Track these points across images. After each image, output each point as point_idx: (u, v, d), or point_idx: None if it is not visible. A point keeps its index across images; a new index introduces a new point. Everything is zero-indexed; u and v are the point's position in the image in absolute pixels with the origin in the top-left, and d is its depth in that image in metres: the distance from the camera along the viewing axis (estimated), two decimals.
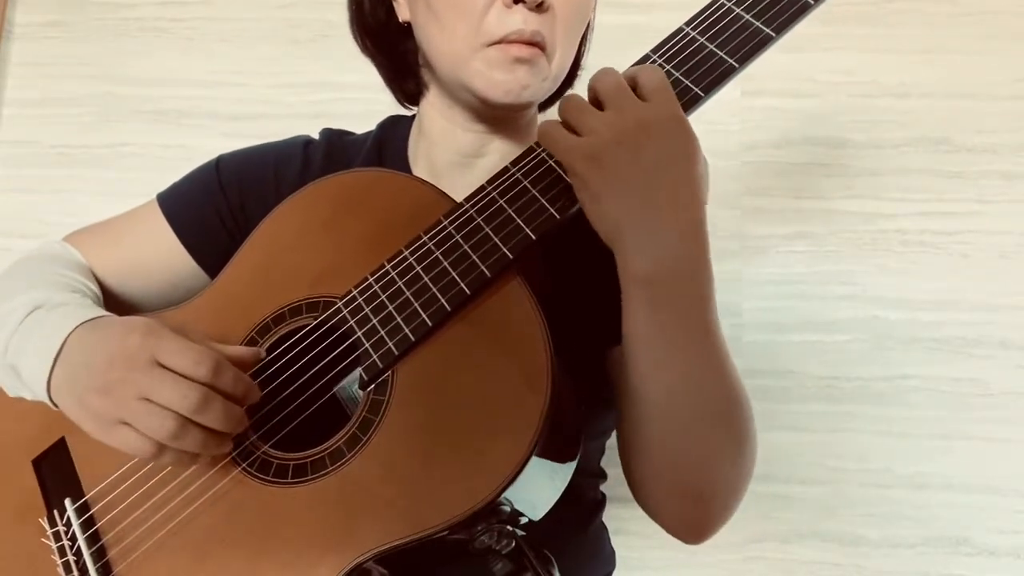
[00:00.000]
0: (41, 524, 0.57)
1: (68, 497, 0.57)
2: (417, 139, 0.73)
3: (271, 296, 0.60)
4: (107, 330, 0.53)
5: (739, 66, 0.52)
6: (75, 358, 0.53)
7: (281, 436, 0.55)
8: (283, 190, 0.68)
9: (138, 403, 0.48)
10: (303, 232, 0.62)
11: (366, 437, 0.52)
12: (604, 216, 0.49)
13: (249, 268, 0.63)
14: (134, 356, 0.49)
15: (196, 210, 0.70)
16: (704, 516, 0.58)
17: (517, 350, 0.51)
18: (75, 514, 0.56)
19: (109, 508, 0.56)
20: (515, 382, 0.50)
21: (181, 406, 0.48)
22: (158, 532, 0.54)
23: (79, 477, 0.58)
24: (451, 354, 0.53)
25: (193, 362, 0.49)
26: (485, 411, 0.50)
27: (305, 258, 0.61)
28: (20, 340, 0.56)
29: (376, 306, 0.55)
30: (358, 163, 0.71)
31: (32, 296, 0.59)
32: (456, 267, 0.53)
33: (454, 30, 0.61)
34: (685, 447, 0.53)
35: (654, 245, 0.48)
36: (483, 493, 0.48)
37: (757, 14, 0.53)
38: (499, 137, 0.69)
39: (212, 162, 0.73)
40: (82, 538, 0.55)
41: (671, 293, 0.50)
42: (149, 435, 0.49)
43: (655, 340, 0.51)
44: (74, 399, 0.52)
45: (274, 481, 0.53)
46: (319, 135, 0.76)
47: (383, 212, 0.60)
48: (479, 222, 0.54)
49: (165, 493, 0.55)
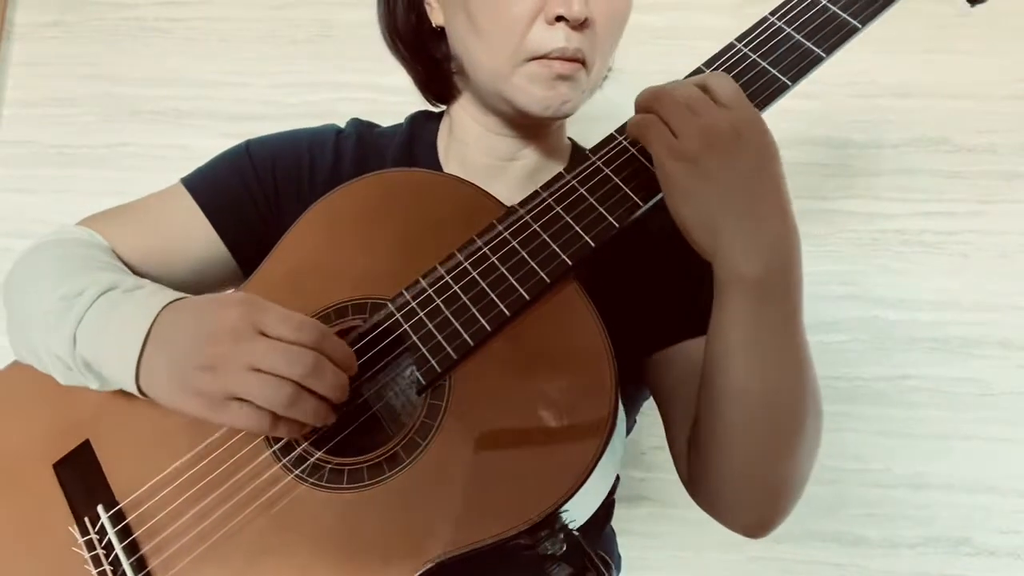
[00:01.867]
0: (70, 532, 0.54)
1: (100, 504, 0.54)
2: (448, 139, 0.72)
3: (314, 295, 0.58)
4: (199, 308, 0.52)
5: (826, 56, 0.53)
6: (170, 339, 0.51)
7: (335, 441, 0.54)
8: (316, 179, 0.68)
9: (249, 374, 0.47)
10: (346, 230, 0.60)
11: (426, 442, 0.51)
12: (700, 217, 0.49)
13: (289, 265, 0.61)
14: (237, 328, 0.48)
15: (228, 193, 0.68)
16: (776, 512, 0.59)
17: (580, 356, 0.51)
18: (109, 522, 0.53)
19: (147, 516, 0.53)
20: (580, 387, 0.51)
21: (293, 372, 0.47)
22: (204, 541, 0.51)
23: (109, 483, 0.55)
24: (510, 359, 0.53)
25: (297, 328, 0.48)
26: (550, 417, 0.50)
27: (349, 257, 0.59)
28: (95, 325, 0.53)
29: (432, 310, 0.54)
30: (390, 159, 0.71)
31: (97, 277, 0.56)
32: (514, 273, 0.53)
33: (496, 44, 0.61)
34: (775, 444, 0.54)
35: (762, 247, 0.49)
36: (552, 498, 0.48)
37: (844, 5, 0.54)
38: (532, 142, 0.70)
39: (241, 147, 0.71)
40: (119, 547, 0.52)
41: (777, 293, 0.51)
42: (265, 406, 0.47)
43: (760, 339, 0.51)
44: (175, 381, 0.50)
45: (329, 487, 0.52)
46: (347, 126, 0.75)
47: (430, 214, 0.59)
48: (535, 228, 0.54)
49: (211, 500, 0.52)
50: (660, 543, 1.13)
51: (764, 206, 0.49)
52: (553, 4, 0.58)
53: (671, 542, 1.15)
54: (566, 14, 0.58)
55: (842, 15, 0.54)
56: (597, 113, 0.66)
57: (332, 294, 0.58)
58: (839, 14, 0.54)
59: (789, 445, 0.54)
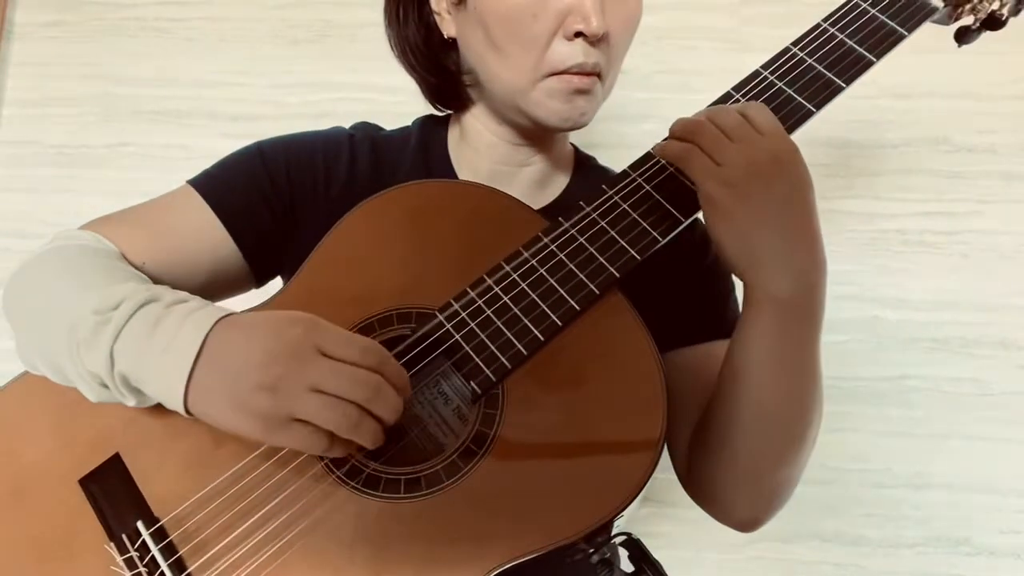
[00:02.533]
0: (105, 551, 0.51)
1: (139, 520, 0.51)
2: (459, 145, 0.72)
3: (357, 304, 0.57)
4: (256, 326, 0.50)
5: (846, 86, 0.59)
6: (225, 358, 0.49)
7: (391, 452, 0.53)
8: (332, 184, 0.68)
9: (311, 395, 0.46)
10: (384, 240, 0.60)
11: (482, 450, 0.52)
12: (738, 239, 0.52)
13: (327, 274, 0.59)
14: (299, 348, 0.47)
15: (241, 196, 0.66)
16: (771, 509, 0.61)
17: (630, 365, 0.53)
18: (152, 539, 0.50)
19: (193, 531, 0.51)
20: (633, 396, 0.53)
21: (357, 395, 0.47)
22: (254, 557, 0.50)
23: (145, 498, 0.52)
24: (562, 369, 0.54)
25: (361, 350, 0.48)
26: (605, 426, 0.52)
27: (390, 267, 0.59)
28: (135, 342, 0.50)
29: (483, 320, 0.55)
30: (406, 165, 0.70)
31: (129, 290, 0.53)
32: (564, 284, 0.56)
33: (516, 60, 0.61)
34: (782, 450, 0.57)
35: (794, 271, 0.52)
36: (612, 504, 0.49)
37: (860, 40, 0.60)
38: (542, 150, 0.71)
39: (252, 148, 0.69)
40: (165, 565, 0.49)
41: (803, 313, 0.53)
42: (327, 427, 0.47)
43: (783, 355, 0.54)
44: (231, 402, 0.48)
45: (385, 496, 0.51)
46: (355, 128, 0.74)
47: (470, 225, 0.60)
48: (582, 241, 0.57)
49: (262, 514, 0.51)
50: (660, 543, 1.13)
51: (798, 232, 0.52)
52: (572, 20, 0.59)
53: (671, 542, 1.15)
54: (586, 30, 0.59)
55: (858, 49, 0.60)
56: (598, 114, 0.66)
57: (376, 303, 0.57)
58: (855, 48, 0.60)
59: (794, 451, 0.57)
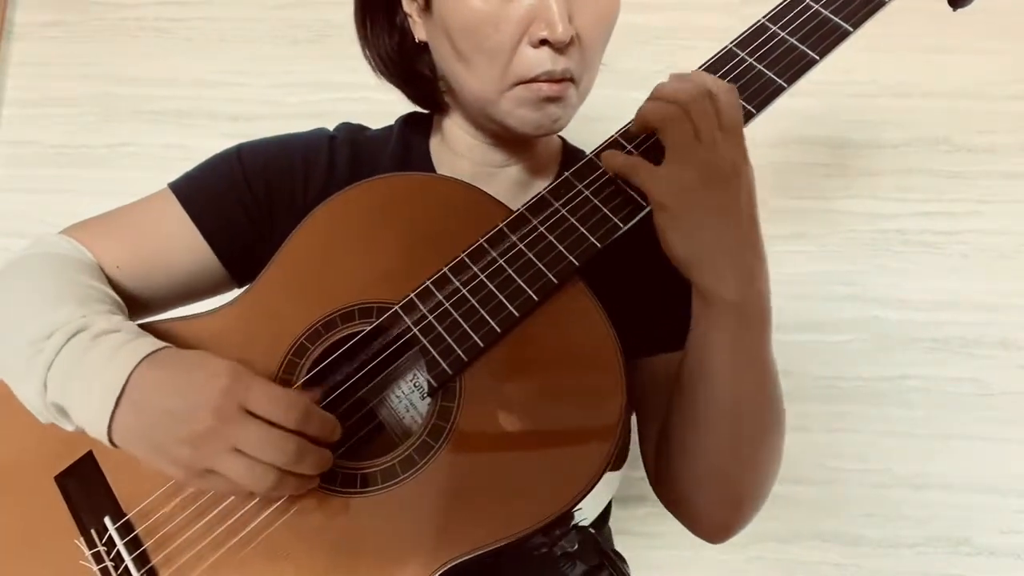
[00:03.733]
0: (76, 545, 0.53)
1: (106, 515, 0.53)
2: (440, 146, 0.72)
3: (320, 300, 0.58)
4: (183, 371, 0.50)
5: (819, 58, 0.56)
6: (147, 401, 0.49)
7: (347, 446, 0.54)
8: (310, 186, 0.67)
9: (232, 456, 0.47)
10: (350, 236, 0.60)
11: (438, 444, 0.52)
12: (690, 245, 0.52)
13: (293, 271, 0.60)
14: (222, 405, 0.47)
15: (218, 201, 0.66)
16: (738, 519, 0.60)
17: (589, 355, 0.52)
18: (118, 534, 0.52)
19: (155, 527, 0.53)
20: (591, 386, 0.52)
21: (277, 459, 0.47)
22: (217, 550, 0.51)
23: (115, 494, 0.54)
24: (520, 361, 0.53)
25: (285, 409, 0.48)
26: (563, 416, 0.51)
27: (353, 262, 0.59)
28: (65, 373, 0.51)
29: (440, 313, 0.54)
30: (385, 163, 0.70)
31: (67, 315, 0.53)
32: (522, 274, 0.54)
33: (481, 70, 0.60)
34: (740, 456, 0.56)
35: (742, 275, 0.52)
36: (567, 497, 0.49)
37: (836, 9, 0.57)
38: (524, 149, 0.70)
39: (232, 152, 0.69)
40: (129, 559, 0.51)
41: (753, 315, 0.53)
42: (246, 487, 0.48)
43: (736, 357, 0.54)
44: (153, 447, 0.49)
45: (343, 491, 0.52)
46: (338, 130, 0.73)
47: (435, 217, 0.59)
48: (542, 231, 0.55)
49: (222, 509, 0.52)
50: (660, 543, 1.13)
51: (745, 237, 0.52)
52: (537, 28, 0.57)
53: (671, 542, 1.15)
54: (550, 38, 0.56)
55: (834, 19, 0.56)
56: (595, 114, 0.66)
57: (338, 298, 0.57)
58: (831, 18, 0.56)
59: (752, 456, 0.57)
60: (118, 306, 0.60)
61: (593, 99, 0.68)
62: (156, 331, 0.58)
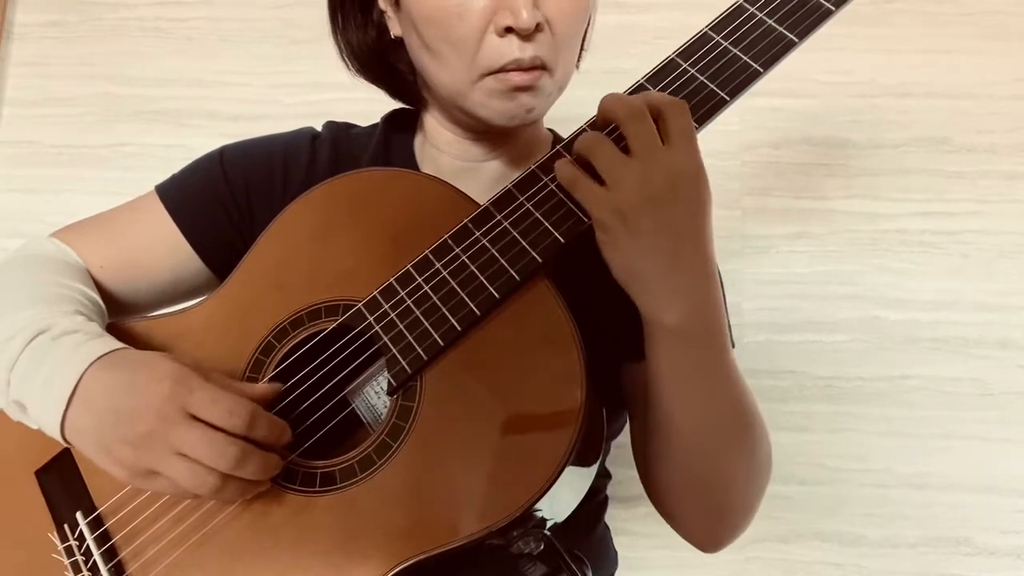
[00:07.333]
0: (51, 539, 0.54)
1: (79, 510, 0.54)
2: (423, 142, 0.72)
3: (287, 299, 0.58)
4: (130, 372, 0.50)
5: (763, 71, 0.53)
6: (95, 401, 0.50)
7: (308, 445, 0.54)
8: (290, 185, 0.67)
9: (174, 458, 0.47)
10: (318, 233, 0.59)
11: (397, 444, 0.51)
12: (627, 266, 0.50)
13: (262, 269, 0.60)
14: (164, 408, 0.48)
15: (200, 203, 0.67)
16: (723, 530, 0.60)
17: (550, 354, 0.51)
18: (88, 528, 0.53)
19: (125, 521, 0.54)
20: (550, 386, 0.50)
21: (219, 464, 0.47)
22: (180, 545, 0.52)
23: (88, 489, 0.55)
24: (481, 359, 0.52)
25: (228, 413, 0.48)
26: (521, 416, 0.50)
27: (322, 259, 0.58)
28: (24, 373, 0.52)
29: (402, 311, 0.54)
30: (366, 161, 0.70)
31: (31, 317, 0.54)
32: (484, 271, 0.53)
33: (450, 63, 0.59)
34: (709, 471, 0.56)
35: (683, 298, 0.49)
36: (524, 498, 0.48)
37: (780, 19, 0.54)
38: (505, 143, 0.69)
39: (215, 153, 0.70)
40: (97, 553, 0.52)
41: (699, 337, 0.51)
42: (189, 490, 0.48)
43: (685, 377, 0.52)
44: (99, 447, 0.50)
45: (302, 490, 0.52)
46: (323, 128, 0.74)
47: (402, 212, 0.58)
48: (506, 226, 0.54)
49: (186, 505, 0.53)
50: (660, 543, 1.13)
51: (685, 259, 0.49)
52: (501, 16, 0.56)
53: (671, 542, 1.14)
54: (515, 25, 0.55)
55: (779, 28, 0.54)
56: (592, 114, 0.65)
57: (306, 296, 0.57)
58: (776, 27, 0.54)
59: (726, 467, 0.55)
60: (93, 305, 0.61)
61: (593, 99, 0.68)
62: (131, 330, 0.59)
